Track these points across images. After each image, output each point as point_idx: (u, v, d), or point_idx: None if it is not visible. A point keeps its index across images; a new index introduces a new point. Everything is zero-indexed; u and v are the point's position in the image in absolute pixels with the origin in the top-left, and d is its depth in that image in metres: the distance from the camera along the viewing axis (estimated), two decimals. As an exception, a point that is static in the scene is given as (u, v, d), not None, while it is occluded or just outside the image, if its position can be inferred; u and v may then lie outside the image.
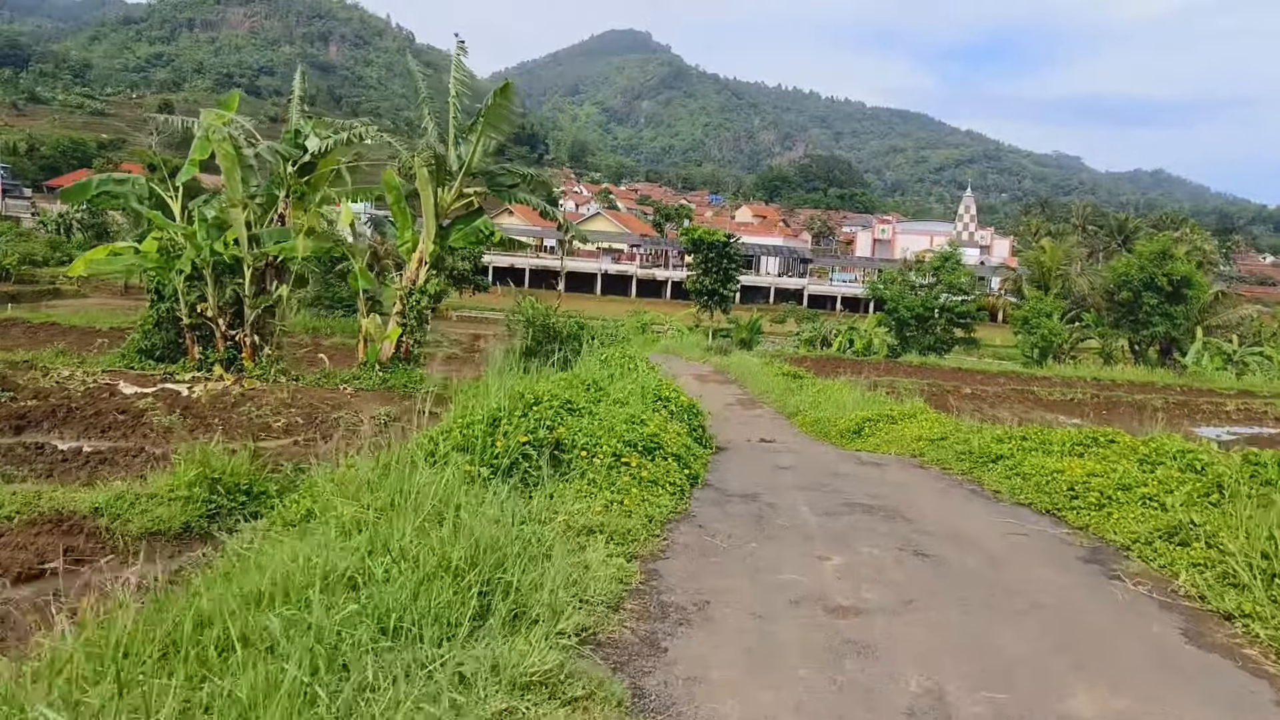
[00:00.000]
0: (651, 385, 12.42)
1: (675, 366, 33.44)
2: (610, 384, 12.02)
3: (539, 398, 8.82)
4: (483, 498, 6.23)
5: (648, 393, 11.98)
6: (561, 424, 8.56)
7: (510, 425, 7.86)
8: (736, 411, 22.80)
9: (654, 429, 9.48)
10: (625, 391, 11.51)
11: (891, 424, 16.83)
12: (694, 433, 12.06)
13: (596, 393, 10.93)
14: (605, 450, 8.39)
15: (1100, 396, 33.53)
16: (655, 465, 8.70)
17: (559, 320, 16.77)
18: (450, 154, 18.61)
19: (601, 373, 12.93)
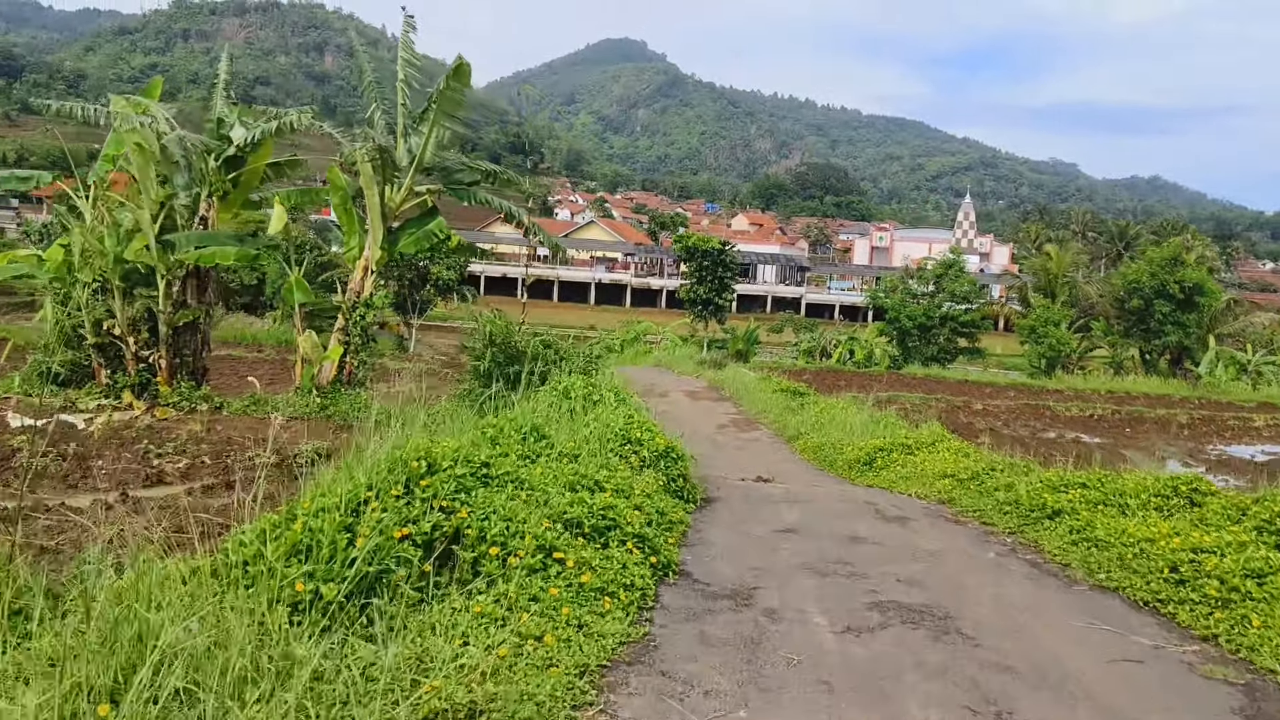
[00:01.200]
0: (618, 424, 10.31)
1: (666, 382, 31.19)
2: (561, 426, 9.91)
3: (435, 462, 6.33)
4: (287, 663, 3.92)
5: (612, 436, 9.92)
6: (466, 503, 6.09)
7: (381, 513, 5.33)
8: (730, 435, 20.55)
9: (609, 497, 7.21)
10: (581, 437, 9.40)
11: (908, 454, 14.60)
12: (672, 484, 9.91)
13: (536, 443, 8.72)
14: (529, 542, 5.88)
15: (1121, 412, 31.31)
16: (605, 559, 6.27)
17: (522, 339, 14.44)
18: (399, 146, 16.31)
19: (554, 410, 10.73)
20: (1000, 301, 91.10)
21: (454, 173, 16.36)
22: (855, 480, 14.60)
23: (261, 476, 6.93)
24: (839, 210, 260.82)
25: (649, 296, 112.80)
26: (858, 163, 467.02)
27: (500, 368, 13.80)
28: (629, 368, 38.94)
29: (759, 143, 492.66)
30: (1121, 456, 24.41)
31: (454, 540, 5.74)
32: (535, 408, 10.62)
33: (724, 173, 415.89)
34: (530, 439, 8.76)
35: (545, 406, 10.94)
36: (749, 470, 15.52)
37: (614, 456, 9.42)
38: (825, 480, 14.84)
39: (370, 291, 15.94)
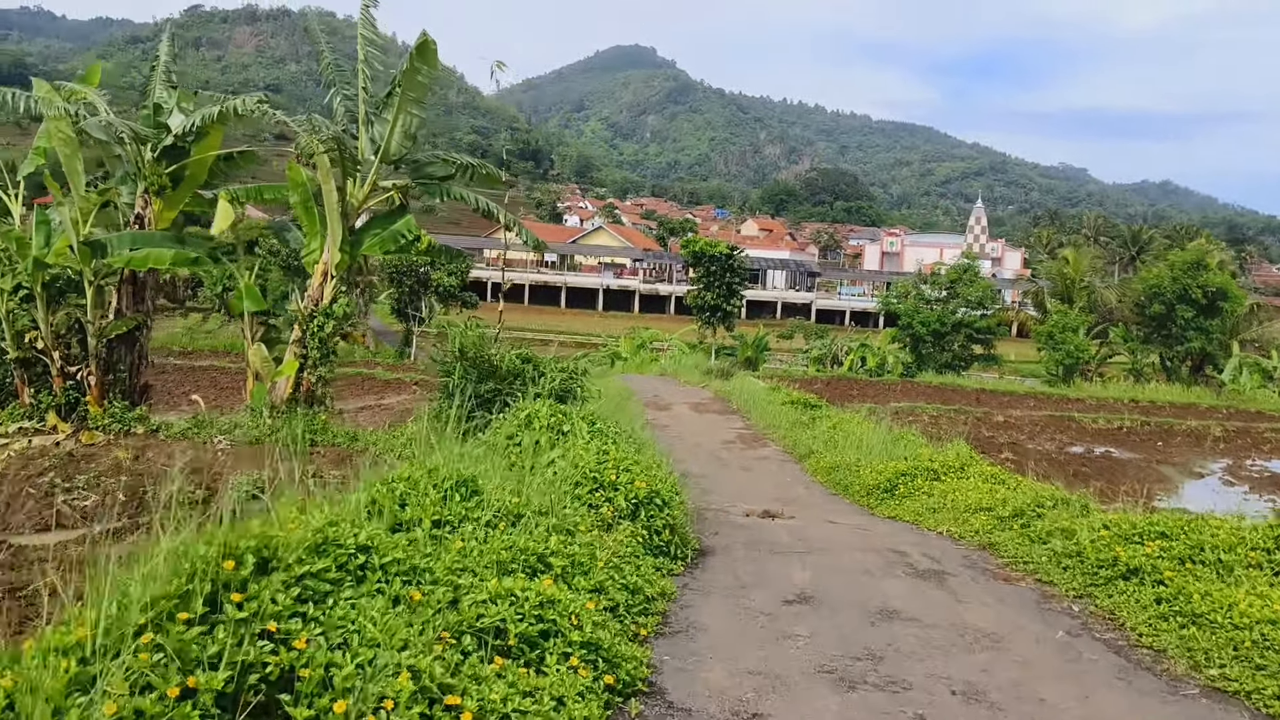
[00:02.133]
0: (589, 463, 8.60)
1: (671, 392, 29.52)
2: (516, 468, 8.29)
3: (272, 556, 4.26)
4: None
5: (582, 478, 8.30)
6: (315, 620, 4.08)
7: (153, 653, 3.40)
8: (736, 453, 18.86)
9: (551, 586, 5.37)
10: (535, 485, 7.69)
11: (934, 480, 12.89)
12: (656, 538, 8.24)
13: (464, 501, 6.76)
14: (403, 684, 3.84)
15: (1150, 423, 29.56)
16: (532, 694, 4.30)
17: (498, 353, 12.68)
18: (361, 137, 14.61)
19: (513, 445, 9.10)
20: (1014, 307, 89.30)
21: (424, 166, 14.66)
22: (875, 509, 12.91)
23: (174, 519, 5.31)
24: (849, 216, 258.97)
25: (657, 302, 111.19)
26: (867, 168, 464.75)
27: (473, 384, 12.12)
28: (634, 376, 37.30)
29: (769, 148, 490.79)
30: (1157, 474, 22.68)
31: (282, 687, 3.68)
32: (494, 440, 9.03)
33: (734, 179, 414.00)
34: (457, 496, 6.81)
35: (503, 439, 9.30)
36: (755, 497, 13.84)
37: (580, 507, 7.81)
38: (841, 509, 13.15)
39: (331, 298, 14.21)
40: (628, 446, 9.97)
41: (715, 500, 13.11)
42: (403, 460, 12.14)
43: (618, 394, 25.65)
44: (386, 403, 26.07)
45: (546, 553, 6.15)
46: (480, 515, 6.67)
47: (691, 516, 10.55)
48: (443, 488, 6.86)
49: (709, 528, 10.27)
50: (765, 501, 13.41)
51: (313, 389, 14.35)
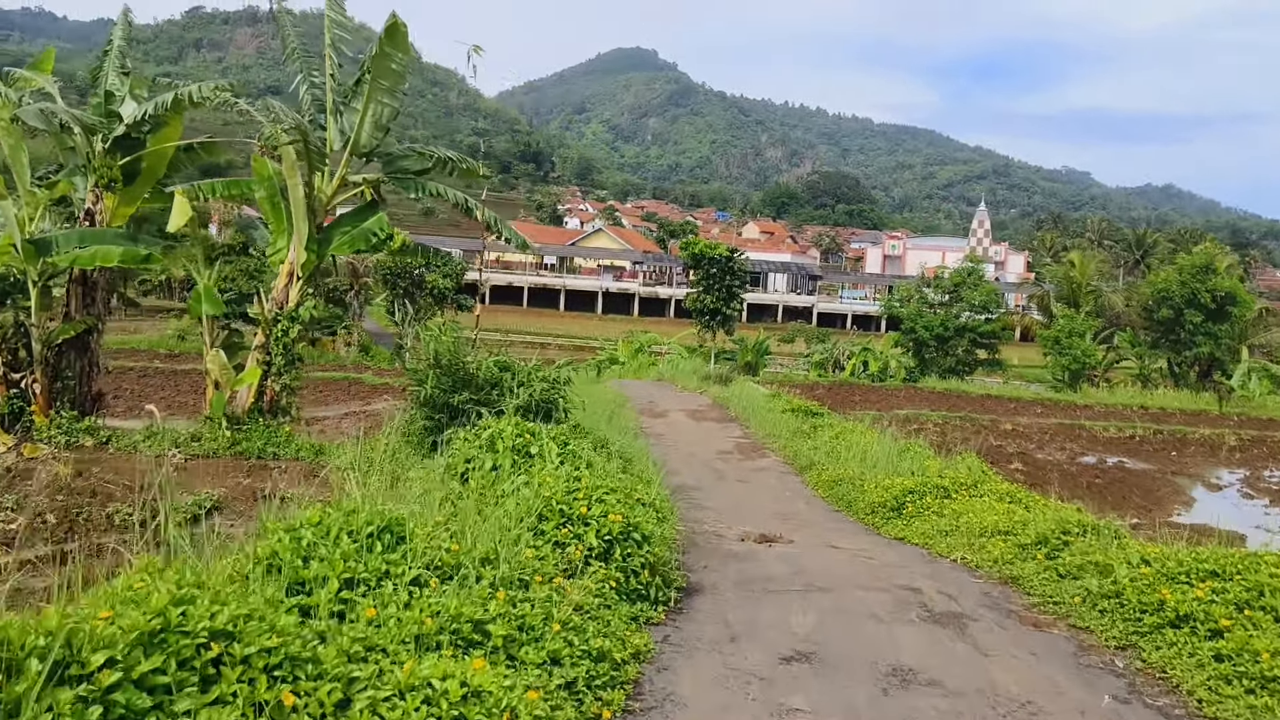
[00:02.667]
0: (557, 493, 7.47)
1: (667, 399, 28.59)
2: (455, 507, 7.06)
3: (76, 654, 3.08)
4: None
5: (548, 512, 7.21)
6: None
7: None
8: (734, 464, 17.91)
9: (477, 671, 4.18)
10: (481, 528, 6.53)
11: (945, 498, 11.95)
12: (633, 579, 7.19)
13: (383, 555, 5.49)
14: None
15: (1163, 432, 28.60)
16: None
17: (475, 360, 11.65)
18: (329, 128, 13.65)
19: (472, 471, 8.18)
20: (1017, 311, 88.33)
21: (398, 159, 13.69)
22: (881, 529, 11.97)
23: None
24: (850, 219, 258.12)
25: (657, 306, 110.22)
26: (869, 171, 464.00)
27: (446, 394, 11.16)
28: (629, 382, 36.37)
29: (770, 151, 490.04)
30: (1173, 486, 21.75)
31: None
32: (452, 464, 8.09)
33: (735, 181, 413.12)
34: (379, 545, 5.56)
35: (461, 463, 8.35)
36: (752, 514, 12.90)
37: (545, 546, 6.77)
38: (844, 529, 12.21)
39: (297, 301, 13.26)
40: (606, 469, 8.96)
41: (709, 519, 12.18)
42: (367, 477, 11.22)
43: (611, 401, 24.74)
44: (373, 409, 25.14)
45: (485, 618, 5.10)
46: (405, 571, 5.45)
47: (680, 545, 9.63)
48: (361, 535, 5.63)
49: (699, 557, 9.37)
50: (763, 518, 12.48)
51: (277, 398, 13.40)
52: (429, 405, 11.30)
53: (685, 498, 13.72)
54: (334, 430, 19.05)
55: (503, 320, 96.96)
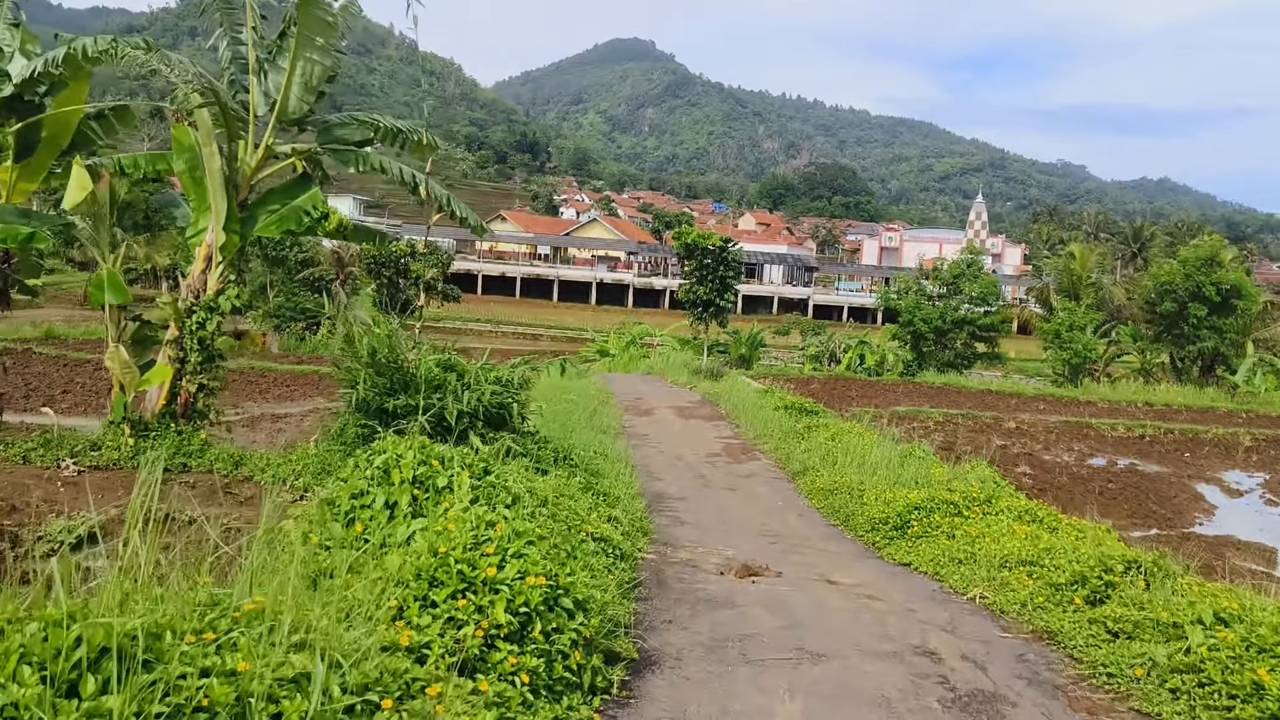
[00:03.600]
0: (460, 544, 5.53)
1: (656, 394, 27.33)
2: (292, 581, 4.80)
3: None
4: None
5: (443, 574, 5.31)
6: None
7: None
8: (721, 469, 16.65)
9: None
10: (342, 602, 4.77)
11: (956, 517, 10.68)
12: (557, 664, 5.37)
13: (91, 702, 3.24)
14: None
15: (1174, 431, 27.36)
16: None
17: (417, 359, 10.28)
18: (252, 89, 12.26)
19: (362, 508, 6.70)
20: (1015, 304, 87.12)
21: (336, 128, 12.27)
22: (884, 551, 10.71)
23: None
24: (847, 211, 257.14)
25: (652, 297, 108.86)
26: (866, 163, 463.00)
27: (381, 397, 9.84)
28: (618, 376, 35.14)
29: (767, 143, 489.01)
30: (1191, 491, 20.48)
31: None
32: (337, 500, 6.60)
33: (732, 173, 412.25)
34: (90, 683, 3.34)
35: (346, 500, 6.75)
36: (738, 528, 11.65)
37: (430, 627, 4.99)
38: (842, 550, 10.94)
39: (216, 289, 11.86)
40: (533, 511, 7.21)
41: (688, 538, 10.91)
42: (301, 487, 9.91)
43: (595, 397, 23.49)
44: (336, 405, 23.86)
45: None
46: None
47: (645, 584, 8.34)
48: (63, 667, 3.38)
49: (665, 604, 8.02)
50: (749, 536, 11.23)
51: (192, 400, 11.98)
52: (363, 410, 9.99)
53: (665, 510, 12.48)
54: (295, 429, 17.78)
55: (495, 311, 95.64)
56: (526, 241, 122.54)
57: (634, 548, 9.10)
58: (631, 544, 9.32)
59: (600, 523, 8.60)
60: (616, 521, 9.40)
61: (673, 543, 10.39)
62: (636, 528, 10.23)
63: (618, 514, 9.73)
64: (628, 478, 13.38)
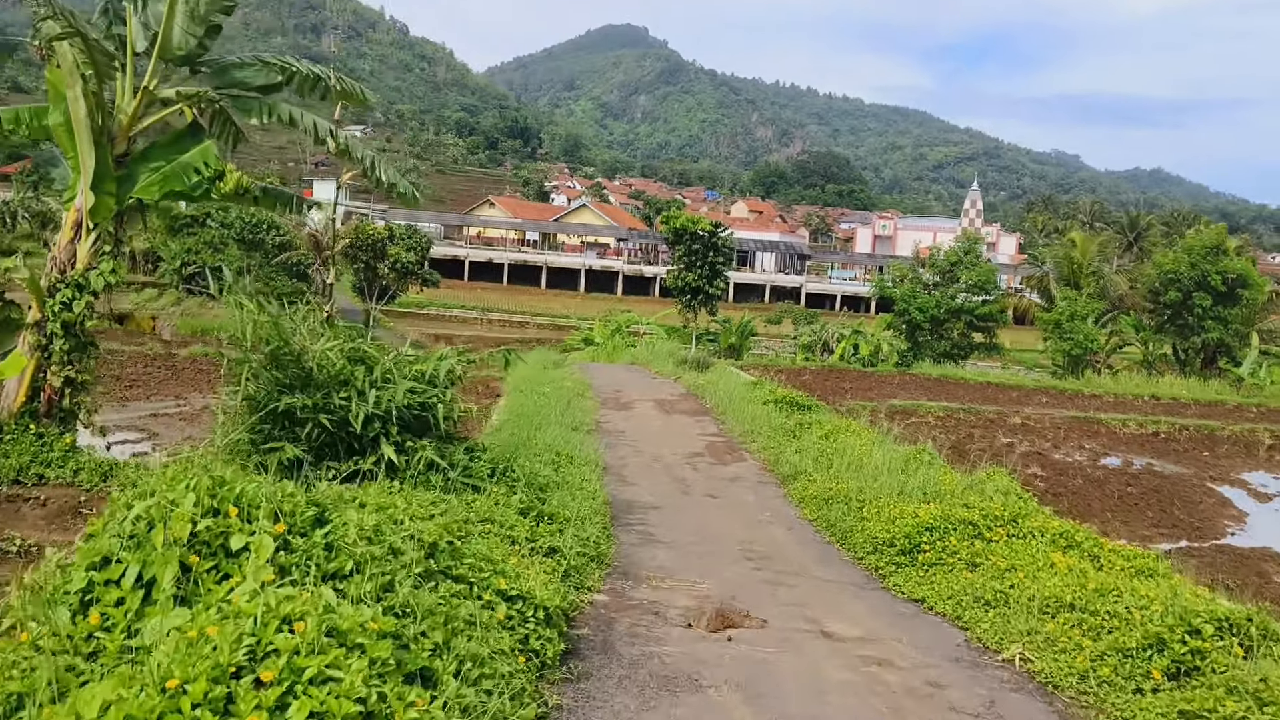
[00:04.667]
0: (201, 674, 3.35)
1: (637, 386, 25.61)
2: None
3: None
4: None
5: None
6: None
7: None
8: (703, 471, 14.94)
9: None
10: None
11: (976, 540, 8.97)
12: None
13: None
14: None
15: (1189, 428, 25.68)
16: None
17: (319, 349, 8.41)
18: (130, 21, 10.28)
19: None
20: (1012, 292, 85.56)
21: (234, 69, 10.38)
22: (889, 580, 9.01)
23: None
24: (840, 199, 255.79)
25: (642, 284, 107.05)
26: (859, 152, 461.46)
27: (273, 396, 8.07)
28: (599, 366, 33.40)
29: (760, 131, 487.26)
30: (1216, 496, 18.74)
31: None
32: (64, 584, 4.37)
33: (725, 161, 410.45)
34: None
35: (81, 574, 4.44)
36: (716, 553, 9.94)
37: None
38: (841, 581, 9.24)
39: (86, 263, 9.98)
40: (390, 580, 5.15)
41: (657, 562, 9.21)
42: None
43: (571, 390, 21.77)
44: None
45: None
46: None
47: (590, 641, 6.60)
48: None
49: (605, 684, 6.09)
50: (730, 560, 9.53)
51: (58, 396, 10.14)
52: (257, 411, 8.23)
53: (634, 524, 10.77)
54: (201, 429, 16.02)
55: (482, 297, 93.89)
56: (514, 227, 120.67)
57: (573, 597, 7.33)
58: (574, 586, 7.58)
59: (529, 565, 6.88)
60: (558, 557, 7.67)
61: (635, 573, 8.68)
62: (590, 556, 8.50)
63: (564, 542, 8.01)
64: (593, 485, 11.67)
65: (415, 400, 8.45)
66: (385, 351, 9.08)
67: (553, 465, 11.72)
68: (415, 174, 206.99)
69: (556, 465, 11.81)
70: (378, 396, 8.08)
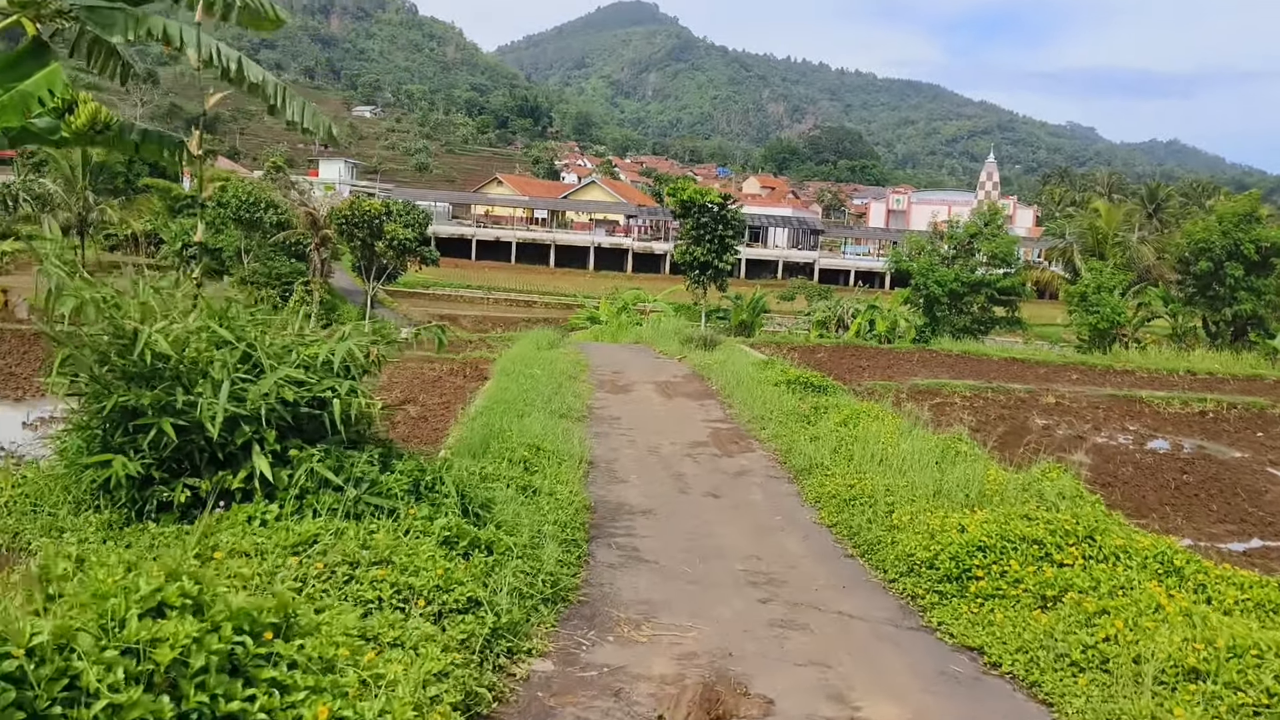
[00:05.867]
0: None
1: (640, 366, 23.76)
2: None
3: None
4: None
5: None
6: None
7: None
8: (705, 465, 13.08)
9: None
10: None
11: (1044, 562, 7.07)
12: None
13: None
14: None
15: (1237, 406, 23.72)
16: None
17: (166, 330, 6.43)
18: None
19: None
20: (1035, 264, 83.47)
21: None
22: (931, 616, 7.15)
23: None
24: (853, 175, 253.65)
25: (652, 262, 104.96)
26: (872, 127, 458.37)
27: (106, 390, 6.18)
28: (602, 345, 31.58)
29: (771, 107, 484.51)
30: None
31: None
32: None
33: (736, 137, 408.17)
34: None
35: None
36: (714, 571, 8.10)
37: None
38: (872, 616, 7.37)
39: None
40: None
41: (633, 598, 7.37)
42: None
43: (564, 371, 19.95)
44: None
45: None
46: None
47: None
48: None
49: None
50: (731, 580, 7.70)
51: None
52: (94, 409, 6.36)
53: (618, 535, 8.95)
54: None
55: (489, 277, 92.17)
56: (522, 205, 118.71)
57: (489, 681, 5.44)
58: (503, 655, 5.71)
59: (423, 644, 4.98)
60: (479, 614, 5.77)
61: (605, 613, 6.84)
62: (541, 598, 6.66)
63: (502, 579, 6.16)
64: (572, 487, 9.84)
65: (304, 395, 6.61)
66: (265, 330, 7.18)
67: (524, 464, 9.90)
68: (425, 154, 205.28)
69: (528, 464, 9.99)
70: (240, 390, 6.22)
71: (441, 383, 19.77)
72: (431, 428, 15.02)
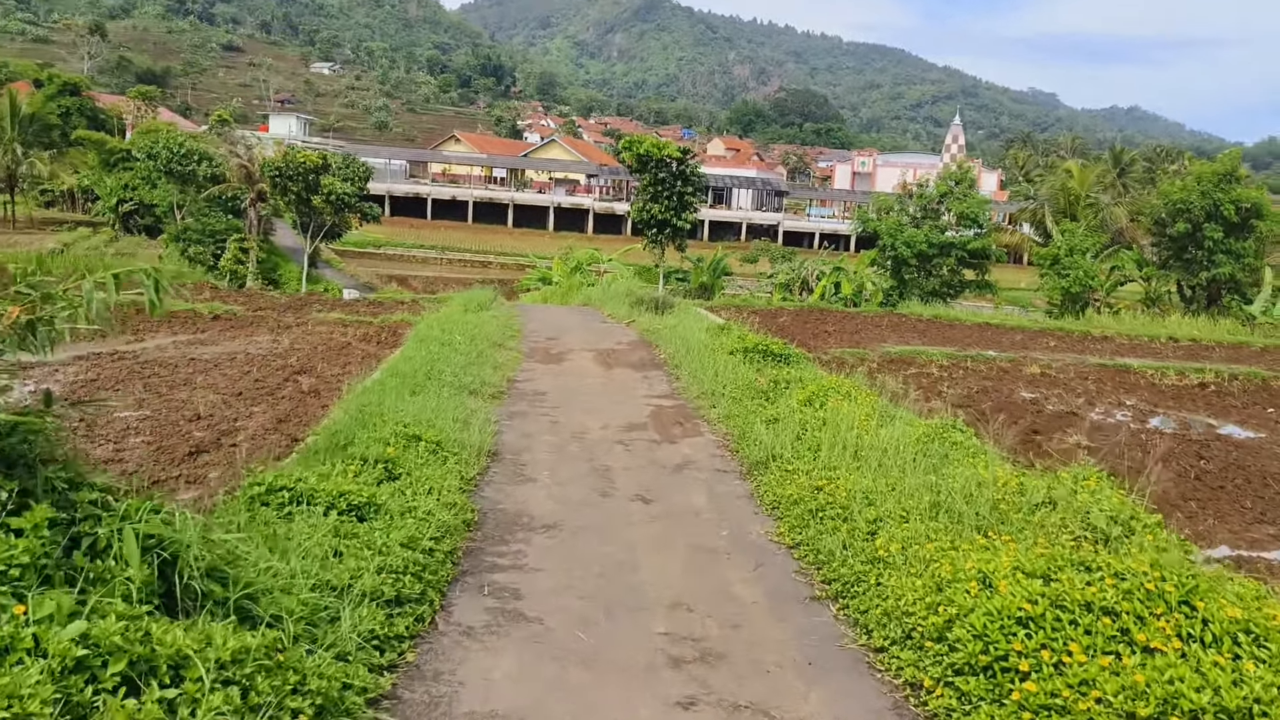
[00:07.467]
0: None
1: (580, 333, 21.35)
2: None
3: None
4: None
5: None
6: None
7: None
8: (640, 456, 10.72)
9: None
10: None
11: (1125, 651, 4.70)
12: None
13: None
14: None
15: (1240, 378, 21.65)
16: None
17: None
18: None
19: None
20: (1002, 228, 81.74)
21: None
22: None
23: None
24: (818, 138, 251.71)
25: (614, 223, 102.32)
26: (837, 90, 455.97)
27: None
28: (548, 307, 29.17)
29: (737, 69, 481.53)
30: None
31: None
32: None
33: (702, 100, 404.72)
34: None
35: None
36: (616, 658, 5.73)
37: None
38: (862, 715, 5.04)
39: None
40: None
41: (478, 702, 4.96)
42: None
43: (492, 336, 17.52)
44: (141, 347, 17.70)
45: None
46: None
47: None
48: None
49: None
50: (646, 646, 5.36)
51: None
52: None
53: (498, 573, 6.60)
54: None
55: (445, 236, 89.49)
56: (480, 163, 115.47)
57: None
58: None
59: None
60: None
61: None
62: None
63: (225, 704, 3.67)
64: (450, 496, 7.45)
65: None
66: None
67: (385, 465, 7.50)
68: (385, 112, 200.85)
69: (391, 465, 7.58)
70: None
71: (349, 350, 17.27)
72: (320, 404, 12.63)
